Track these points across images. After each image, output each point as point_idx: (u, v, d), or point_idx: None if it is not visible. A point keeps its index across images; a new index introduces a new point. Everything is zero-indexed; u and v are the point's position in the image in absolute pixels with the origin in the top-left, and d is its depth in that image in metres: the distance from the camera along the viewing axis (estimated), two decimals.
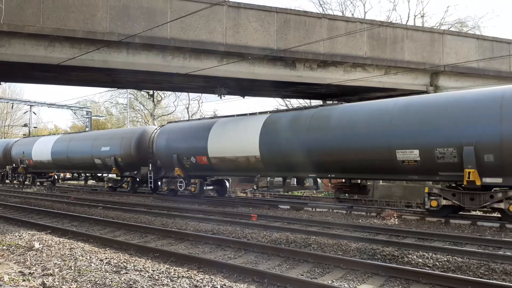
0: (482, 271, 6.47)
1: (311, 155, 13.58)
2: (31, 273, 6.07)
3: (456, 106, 11.24)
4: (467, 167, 10.66)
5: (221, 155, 16.37)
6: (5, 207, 15.71)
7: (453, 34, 18.20)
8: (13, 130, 57.88)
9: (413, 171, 11.84)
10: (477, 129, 10.61)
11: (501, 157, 10.34)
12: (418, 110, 11.86)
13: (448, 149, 10.96)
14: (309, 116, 14.20)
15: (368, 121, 12.53)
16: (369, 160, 12.40)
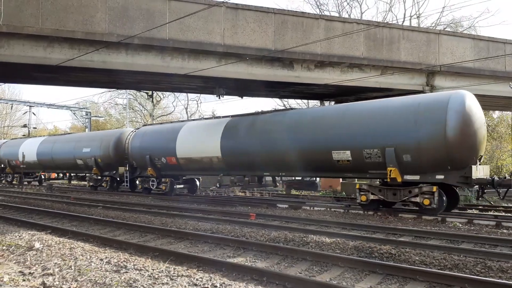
0: (479, 268, 6.54)
1: (265, 156, 15.00)
2: (31, 273, 6.11)
3: (381, 112, 12.71)
4: (389, 166, 12.09)
5: (188, 155, 17.73)
6: (5, 207, 15.74)
7: (449, 34, 18.30)
8: (12, 131, 57.80)
9: (347, 169, 13.41)
10: (397, 132, 12.02)
11: (416, 157, 11.77)
12: (351, 116, 13.34)
13: (373, 150, 12.37)
14: (263, 120, 15.73)
15: (310, 125, 13.99)
16: (311, 160, 13.84)
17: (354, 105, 14.39)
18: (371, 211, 12.99)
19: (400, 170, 12.08)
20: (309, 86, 17.17)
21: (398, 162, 11.96)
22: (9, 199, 19.54)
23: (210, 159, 16.89)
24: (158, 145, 19.08)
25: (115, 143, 22.21)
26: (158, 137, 19.40)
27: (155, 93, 40.96)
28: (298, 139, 14.00)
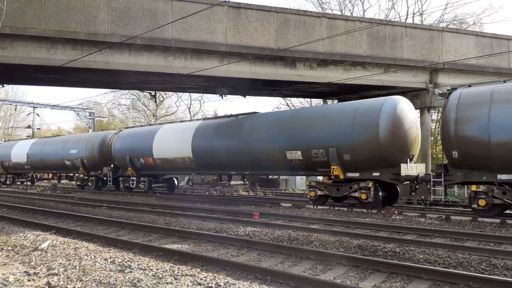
0: (483, 266, 6.51)
1: (231, 156, 16.47)
2: (36, 273, 6.13)
3: (325, 116, 14.35)
4: (333, 164, 13.56)
5: (163, 156, 19.27)
6: (10, 208, 15.82)
7: (452, 31, 18.22)
8: (16, 132, 58.06)
9: (299, 168, 14.81)
10: (338, 134, 13.48)
11: (355, 156, 13.21)
12: (301, 119, 14.86)
13: (320, 150, 13.85)
14: (229, 124, 17.28)
15: (268, 128, 15.55)
16: (269, 160, 15.30)
17: (303, 109, 16.25)
18: (320, 205, 14.51)
19: (342, 168, 13.54)
20: (312, 84, 17.14)
21: (340, 161, 13.43)
22: (14, 199, 19.64)
23: (183, 159, 18.25)
24: (137, 147, 20.56)
25: (100, 144, 23.57)
26: (137, 139, 20.91)
27: (158, 93, 41.03)
28: (257, 141, 15.42)
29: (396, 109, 12.94)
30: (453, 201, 16.05)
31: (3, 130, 58.66)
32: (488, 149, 10.88)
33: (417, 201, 15.32)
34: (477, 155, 11.19)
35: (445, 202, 15.72)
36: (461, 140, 11.40)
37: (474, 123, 11.20)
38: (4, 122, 59.32)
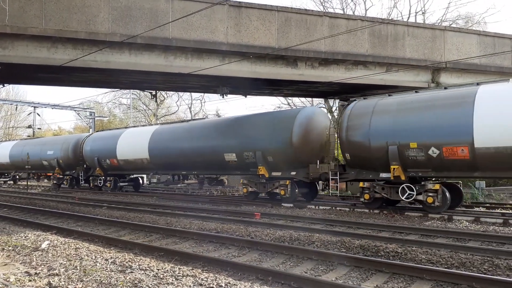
0: (486, 267, 6.48)
1: (182, 158, 18.44)
2: (37, 273, 6.12)
3: (254, 123, 16.54)
4: (259, 165, 15.63)
5: (125, 157, 21.43)
6: (11, 208, 15.81)
7: (454, 30, 18.14)
8: (17, 132, 58.10)
9: (235, 168, 16.89)
10: (263, 139, 15.57)
11: (276, 158, 15.30)
12: (236, 126, 17.09)
13: (249, 152, 15.86)
14: (180, 128, 19.49)
15: (211, 133, 17.64)
16: (212, 161, 17.34)
17: (238, 117, 18.31)
18: (251, 200, 16.38)
19: (268, 168, 15.59)
20: (313, 84, 17.08)
21: (265, 162, 15.49)
22: (15, 199, 19.63)
23: (141, 160, 20.48)
24: (103, 149, 22.68)
25: (73, 146, 25.58)
26: (104, 142, 22.99)
27: (158, 93, 41.02)
28: (202, 144, 17.59)
29: (308, 118, 15.28)
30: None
31: (4, 130, 58.72)
32: (369, 152, 12.89)
33: None
34: (363, 157, 13.23)
35: None
36: (351, 145, 13.48)
37: (359, 130, 13.26)
38: (4, 122, 59.40)
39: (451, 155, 11.25)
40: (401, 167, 12.16)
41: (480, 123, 10.67)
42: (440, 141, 11.34)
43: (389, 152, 12.25)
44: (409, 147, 11.92)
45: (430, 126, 11.53)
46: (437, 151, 11.45)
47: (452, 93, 12.06)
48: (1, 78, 16.40)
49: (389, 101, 13.13)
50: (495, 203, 15.53)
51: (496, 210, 13.90)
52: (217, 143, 16.90)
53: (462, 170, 11.56)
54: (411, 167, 12.16)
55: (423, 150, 11.70)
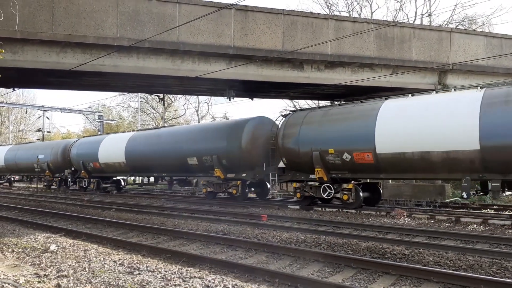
0: (494, 269, 6.44)
1: (153, 162, 20.49)
2: (46, 275, 6.19)
3: (212, 130, 18.56)
4: (216, 168, 17.40)
5: (106, 161, 23.39)
6: (21, 211, 16.00)
7: (461, 32, 18.07)
8: (27, 135, 58.71)
9: (197, 170, 18.84)
10: (218, 145, 17.47)
11: (229, 161, 17.16)
12: (197, 132, 19.11)
13: (207, 156, 17.72)
14: (152, 135, 21.57)
15: (177, 139, 19.55)
16: (178, 164, 19.21)
17: (198, 125, 21.49)
18: (211, 200, 18.37)
19: (223, 171, 17.36)
20: (319, 86, 17.11)
21: (220, 165, 17.34)
22: (25, 202, 19.85)
23: (119, 163, 22.43)
24: (88, 153, 24.73)
25: (62, 150, 27.46)
26: (88, 147, 25.04)
27: (166, 96, 41.24)
28: (170, 149, 19.41)
29: (255, 126, 17.04)
30: (463, 203, 15.92)
31: (14, 133, 59.37)
32: (299, 157, 14.66)
33: (426, 203, 15.30)
34: (295, 161, 14.97)
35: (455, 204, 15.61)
36: (286, 150, 15.18)
37: (292, 139, 14.96)
38: (15, 126, 60.05)
39: (360, 159, 13.10)
40: (324, 170, 14.04)
41: (380, 133, 12.51)
42: (351, 148, 13.24)
43: (313, 157, 14.14)
44: (328, 153, 13.83)
45: (343, 135, 13.54)
46: (349, 156, 13.31)
47: (364, 107, 13.71)
48: (12, 82, 16.65)
49: (316, 113, 14.95)
50: (503, 205, 15.40)
51: (504, 212, 13.79)
52: (181, 148, 18.92)
53: (369, 172, 13.31)
54: (331, 169, 14.06)
55: (338, 155, 13.56)
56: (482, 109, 10.73)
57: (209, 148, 17.65)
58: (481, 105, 10.79)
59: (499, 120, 10.46)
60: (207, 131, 18.55)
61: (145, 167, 21.32)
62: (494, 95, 10.89)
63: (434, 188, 17.68)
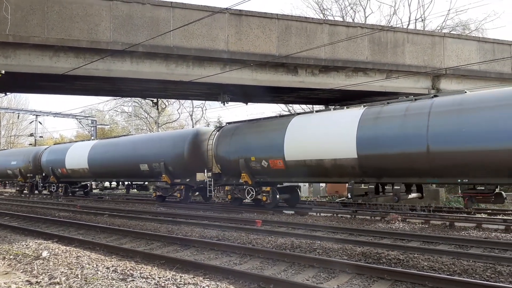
0: (489, 273, 6.45)
1: (111, 168, 22.54)
2: (38, 282, 6.10)
3: (160, 140, 20.63)
4: (163, 174, 19.42)
5: (72, 167, 25.43)
6: (12, 217, 15.81)
7: (453, 37, 18.23)
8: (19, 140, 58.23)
9: (148, 176, 21.05)
10: (165, 153, 19.45)
11: (174, 168, 19.23)
12: (147, 141, 21.36)
13: (156, 164, 19.74)
14: (110, 143, 23.82)
15: (131, 148, 21.73)
16: (133, 170, 21.27)
17: (149, 135, 24.38)
18: (160, 202, 20.19)
19: (170, 176, 19.44)
20: (314, 91, 17.16)
21: (167, 171, 19.40)
22: (16, 208, 19.64)
23: (83, 169, 24.51)
24: (56, 159, 26.63)
25: (33, 157, 29.27)
26: (56, 154, 26.91)
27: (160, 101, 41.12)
28: (125, 156, 21.56)
29: (197, 137, 19.13)
30: (457, 208, 15.99)
31: (6, 138, 58.86)
32: (230, 163, 16.69)
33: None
34: (227, 167, 17.12)
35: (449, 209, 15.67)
36: (220, 158, 17.31)
37: (224, 148, 17.00)
38: (6, 131, 59.53)
39: (274, 165, 15.22)
40: (248, 175, 16.05)
41: (288, 143, 14.69)
42: (268, 156, 15.34)
43: (239, 164, 16.08)
44: (251, 160, 15.84)
45: (262, 145, 15.65)
46: (267, 163, 15.40)
47: (278, 121, 16.12)
48: (3, 86, 16.50)
49: (243, 126, 17.19)
50: (497, 209, 15.48)
51: (498, 216, 13.86)
52: (135, 155, 20.99)
53: (283, 176, 15.50)
54: (255, 174, 16.10)
55: (259, 162, 15.59)
56: (359, 124, 12.81)
57: (157, 156, 19.67)
58: (359, 121, 12.88)
59: (369, 133, 12.53)
60: (156, 141, 20.72)
61: (105, 173, 23.55)
62: (369, 113, 12.95)
63: (429, 193, 17.75)
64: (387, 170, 12.39)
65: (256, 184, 16.16)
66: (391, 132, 12.10)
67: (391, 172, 12.42)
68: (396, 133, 11.99)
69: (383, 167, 12.36)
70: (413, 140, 11.55)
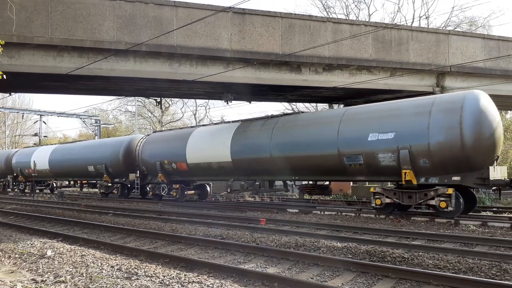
0: (494, 272, 6.42)
1: (67, 169, 26.23)
2: (43, 281, 6.13)
3: (102, 145, 24.63)
4: (105, 174, 23.24)
5: (38, 168, 27.78)
6: (17, 216, 15.89)
7: (458, 34, 18.11)
8: (23, 140, 58.50)
9: (95, 176, 24.76)
10: (106, 157, 23.17)
11: (113, 169, 23.10)
12: (94, 146, 25.37)
13: (99, 165, 23.47)
14: (67, 146, 28.33)
15: (82, 152, 25.51)
16: (82, 171, 25.17)
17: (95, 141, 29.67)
18: (101, 198, 24.03)
19: (110, 177, 23.37)
20: (317, 89, 17.10)
21: (108, 172, 23.15)
22: (21, 207, 19.74)
23: (45, 170, 28.16)
24: (24, 161, 30.73)
25: (5, 159, 33.25)
26: (24, 156, 31.32)
27: (163, 100, 41.19)
28: (77, 159, 25.35)
29: (130, 143, 23.10)
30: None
31: (11, 138, 59.15)
32: (150, 165, 20.93)
33: None
34: (149, 169, 21.23)
35: None
36: (144, 161, 21.29)
37: (147, 153, 21.05)
38: (11, 130, 59.82)
39: (181, 167, 19.16)
40: (164, 175, 20.11)
41: (188, 150, 18.62)
42: (175, 159, 19.30)
43: (156, 166, 20.05)
44: (165, 163, 19.81)
45: (171, 151, 19.66)
46: (175, 165, 19.34)
47: (183, 131, 20.55)
48: (8, 87, 16.57)
49: (163, 134, 21.74)
50: (502, 207, 15.40)
51: (503, 214, 13.78)
52: (84, 158, 24.75)
53: (188, 176, 19.62)
54: (169, 174, 20.09)
55: (170, 164, 19.54)
56: (233, 136, 16.84)
57: (100, 159, 23.44)
58: (233, 133, 16.92)
59: (239, 143, 16.55)
60: (100, 146, 24.71)
61: (62, 173, 27.45)
62: (240, 127, 17.08)
63: None
64: (251, 170, 16.36)
65: (170, 182, 20.24)
66: (251, 142, 16.06)
67: (253, 172, 16.38)
68: (254, 143, 15.93)
69: (248, 168, 16.35)
70: (263, 148, 15.48)
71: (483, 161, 11.32)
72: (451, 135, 11.19)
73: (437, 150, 11.37)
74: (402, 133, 11.91)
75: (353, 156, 12.87)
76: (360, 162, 12.77)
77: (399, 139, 11.89)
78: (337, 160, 13.23)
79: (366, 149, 12.54)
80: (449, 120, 11.29)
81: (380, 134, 12.31)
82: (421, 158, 11.62)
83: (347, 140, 13.04)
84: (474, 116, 11.20)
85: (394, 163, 12.05)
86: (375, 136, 12.39)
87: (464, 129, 11.04)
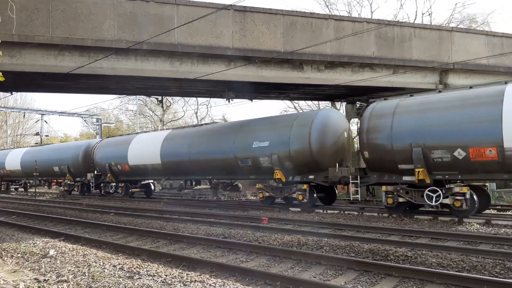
0: (498, 270, 6.38)
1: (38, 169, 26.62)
2: (46, 280, 6.12)
3: (64, 148, 28.31)
4: (68, 173, 26.47)
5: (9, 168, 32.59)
6: (19, 215, 15.90)
7: (461, 31, 18.01)
8: (25, 139, 58.58)
9: (60, 175, 27.93)
10: (68, 158, 26.52)
11: (75, 170, 26.17)
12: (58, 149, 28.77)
13: (63, 166, 26.77)
14: (35, 149, 31.00)
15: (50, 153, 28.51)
16: (49, 171, 28.12)
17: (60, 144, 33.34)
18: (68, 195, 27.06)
19: (72, 176, 26.25)
20: (320, 87, 17.04)
21: (70, 172, 26.19)
22: (24, 207, 19.76)
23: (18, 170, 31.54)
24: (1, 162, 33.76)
25: None
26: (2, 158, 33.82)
27: (165, 98, 41.18)
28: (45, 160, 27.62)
29: (87, 147, 25.97)
30: None
31: (12, 137, 59.24)
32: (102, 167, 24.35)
33: None
34: (101, 170, 24.63)
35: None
36: (97, 163, 24.51)
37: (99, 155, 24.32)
38: (12, 130, 59.90)
39: (124, 168, 22.27)
40: (112, 175, 23.19)
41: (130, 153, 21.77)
42: (120, 162, 22.12)
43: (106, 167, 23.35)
44: (112, 164, 22.92)
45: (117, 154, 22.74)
46: (120, 166, 22.31)
47: (126, 137, 23.62)
48: (9, 86, 16.56)
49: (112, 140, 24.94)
50: (506, 205, 15.33)
51: (507, 212, 13.72)
52: (51, 159, 27.69)
53: (129, 176, 22.72)
54: (117, 175, 23.23)
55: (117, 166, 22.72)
56: (163, 142, 19.95)
57: (64, 160, 26.54)
58: (163, 140, 20.06)
59: (167, 148, 19.50)
60: (64, 149, 27.93)
61: (32, 173, 28.79)
62: (170, 134, 20.38)
63: None
64: (177, 171, 19.47)
65: (117, 181, 23.40)
66: (175, 147, 19.11)
67: (178, 172, 19.55)
68: (177, 148, 19.00)
69: (175, 169, 19.42)
70: (182, 152, 18.64)
71: (327, 163, 14.45)
72: (303, 144, 14.52)
73: (295, 155, 14.68)
74: (273, 142, 15.25)
75: (244, 159, 16.13)
76: (249, 164, 16.02)
77: (272, 147, 15.20)
78: (234, 162, 16.44)
79: (252, 154, 15.79)
80: (302, 132, 14.61)
81: (260, 142, 15.64)
82: (286, 161, 14.90)
83: (240, 147, 16.31)
84: (318, 129, 14.45)
85: (270, 164, 15.30)
86: (257, 144, 15.71)
87: (311, 139, 14.35)
